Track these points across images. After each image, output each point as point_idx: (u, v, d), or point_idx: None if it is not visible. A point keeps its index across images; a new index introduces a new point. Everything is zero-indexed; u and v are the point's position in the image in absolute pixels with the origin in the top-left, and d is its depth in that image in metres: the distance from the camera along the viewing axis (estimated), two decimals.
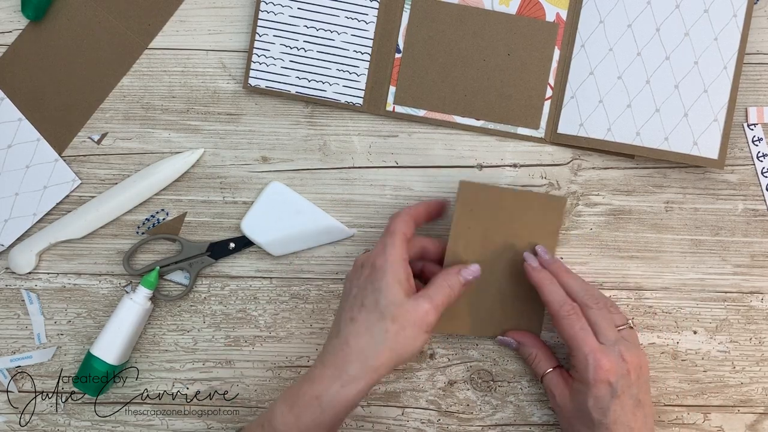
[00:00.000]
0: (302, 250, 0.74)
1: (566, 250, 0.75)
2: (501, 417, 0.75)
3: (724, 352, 0.75)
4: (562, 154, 0.75)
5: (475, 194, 0.69)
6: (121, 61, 0.74)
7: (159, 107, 0.74)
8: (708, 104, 0.72)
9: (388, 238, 0.65)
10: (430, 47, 0.73)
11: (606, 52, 0.73)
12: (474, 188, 0.69)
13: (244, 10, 0.74)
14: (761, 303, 0.75)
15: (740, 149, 0.75)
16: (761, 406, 0.75)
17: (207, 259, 0.74)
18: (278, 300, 0.75)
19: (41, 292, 0.75)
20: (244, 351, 0.75)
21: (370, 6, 0.73)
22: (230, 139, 0.74)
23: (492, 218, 0.69)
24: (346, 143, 0.74)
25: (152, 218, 0.74)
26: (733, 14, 0.72)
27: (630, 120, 0.72)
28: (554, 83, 0.73)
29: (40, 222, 0.74)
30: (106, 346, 0.71)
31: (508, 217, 0.70)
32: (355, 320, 0.62)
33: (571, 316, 0.65)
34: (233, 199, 0.74)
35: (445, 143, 0.74)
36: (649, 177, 0.75)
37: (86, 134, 0.74)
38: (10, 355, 0.75)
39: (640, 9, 0.72)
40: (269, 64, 0.73)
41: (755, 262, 0.75)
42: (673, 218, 0.75)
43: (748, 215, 0.75)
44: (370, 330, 0.62)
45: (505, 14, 0.73)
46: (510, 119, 0.74)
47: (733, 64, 0.72)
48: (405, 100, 0.73)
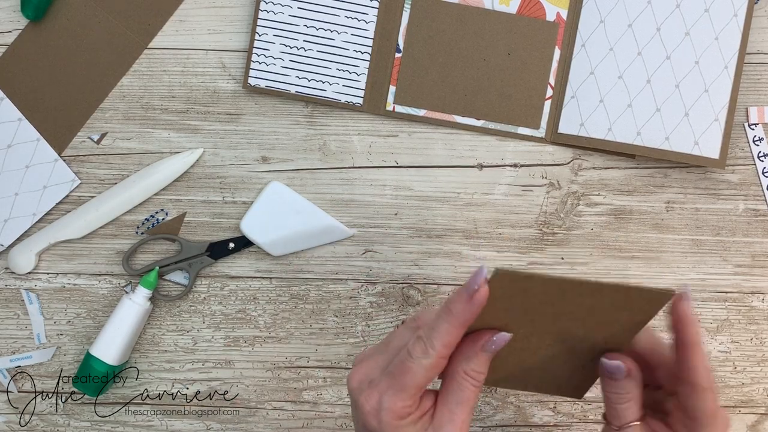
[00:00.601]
0: (302, 250, 0.74)
1: (567, 250, 0.74)
2: (501, 418, 0.75)
3: (725, 353, 0.75)
4: (563, 153, 0.75)
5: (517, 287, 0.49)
6: (120, 61, 0.74)
7: (159, 107, 0.74)
8: (709, 104, 0.72)
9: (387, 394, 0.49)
10: (430, 47, 0.73)
11: (606, 52, 0.72)
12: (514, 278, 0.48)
13: (244, 9, 0.74)
14: (762, 303, 0.75)
15: (741, 149, 0.74)
16: (762, 406, 0.75)
17: (206, 259, 0.74)
18: (278, 300, 0.75)
19: (41, 292, 0.75)
20: (244, 351, 0.75)
21: (370, 6, 0.72)
22: (230, 139, 0.74)
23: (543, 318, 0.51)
24: (346, 143, 0.74)
25: (152, 218, 0.74)
26: (733, 14, 0.71)
27: (631, 120, 0.72)
28: (555, 83, 0.73)
29: (40, 222, 0.74)
30: (106, 347, 0.71)
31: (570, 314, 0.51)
32: None
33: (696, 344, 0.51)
34: (233, 199, 0.74)
35: (445, 143, 0.74)
36: (649, 177, 0.75)
37: (86, 134, 0.74)
38: (10, 355, 0.75)
39: (640, 8, 0.72)
40: (269, 64, 0.73)
41: (756, 262, 0.75)
42: (674, 218, 0.75)
43: (749, 215, 0.75)
44: None
45: (505, 14, 0.72)
46: (510, 119, 0.73)
47: (733, 63, 0.72)
48: (405, 100, 0.73)
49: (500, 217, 0.74)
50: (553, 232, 0.75)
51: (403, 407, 0.49)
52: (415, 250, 0.75)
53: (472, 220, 0.74)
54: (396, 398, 0.49)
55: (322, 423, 0.75)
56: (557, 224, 0.74)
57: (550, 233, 0.75)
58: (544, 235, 0.75)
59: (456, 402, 0.50)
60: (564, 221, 0.74)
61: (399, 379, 0.49)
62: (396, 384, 0.49)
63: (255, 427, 0.75)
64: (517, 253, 0.75)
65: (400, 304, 0.74)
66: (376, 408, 0.49)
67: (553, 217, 0.74)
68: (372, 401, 0.50)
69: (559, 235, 0.75)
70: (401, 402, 0.49)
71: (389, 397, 0.49)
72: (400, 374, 0.49)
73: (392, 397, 0.49)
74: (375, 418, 0.50)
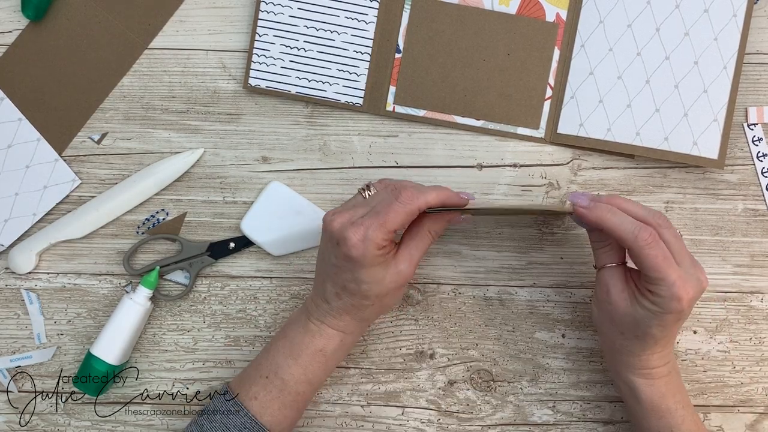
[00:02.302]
0: (302, 250, 0.74)
1: (567, 250, 0.75)
2: (501, 417, 0.75)
3: (724, 352, 0.75)
4: (562, 154, 0.75)
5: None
6: (121, 61, 0.74)
7: (159, 107, 0.74)
8: (708, 104, 0.72)
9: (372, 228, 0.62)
10: (430, 47, 0.73)
11: (606, 52, 0.73)
12: None
13: (244, 10, 0.74)
14: (761, 303, 0.75)
15: (740, 149, 0.75)
16: (761, 405, 0.75)
17: (207, 259, 0.74)
18: (278, 300, 0.75)
19: (41, 292, 0.75)
20: (244, 351, 0.75)
21: (370, 6, 0.73)
22: (230, 139, 0.74)
23: None
24: (346, 143, 0.74)
25: (152, 218, 0.74)
26: (732, 14, 0.72)
27: (630, 120, 0.72)
28: (554, 83, 0.73)
29: (40, 222, 0.74)
30: (106, 346, 0.71)
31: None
32: (342, 298, 0.65)
33: (651, 243, 0.61)
34: (233, 199, 0.74)
35: (445, 143, 0.74)
36: (649, 177, 0.75)
37: (86, 134, 0.74)
38: (10, 355, 0.75)
39: (639, 9, 0.72)
40: (269, 64, 0.73)
41: (755, 262, 0.75)
42: (673, 218, 0.75)
43: (748, 215, 0.75)
44: (358, 306, 0.65)
45: (505, 14, 0.73)
46: (510, 119, 0.74)
47: (732, 64, 0.72)
48: (405, 100, 0.73)
49: (500, 217, 0.75)
50: (552, 232, 0.75)
51: (383, 239, 0.62)
52: None
53: (471, 220, 0.74)
54: (379, 231, 0.61)
55: (322, 422, 0.75)
56: (556, 224, 0.75)
57: (550, 233, 0.75)
58: (543, 235, 0.75)
59: (415, 247, 0.65)
60: (563, 221, 0.75)
61: (383, 216, 0.62)
62: (380, 220, 0.62)
63: None
64: (516, 252, 0.75)
65: (400, 304, 0.75)
66: (362, 239, 0.61)
67: (553, 217, 0.74)
68: (359, 233, 0.62)
69: (558, 234, 0.75)
70: (382, 235, 0.62)
71: (374, 231, 0.61)
72: (385, 213, 0.62)
73: (376, 231, 0.61)
74: (360, 246, 0.61)
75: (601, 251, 0.66)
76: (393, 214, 0.62)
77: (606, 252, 0.65)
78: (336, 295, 0.65)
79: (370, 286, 0.64)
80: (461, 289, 0.75)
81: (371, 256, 0.62)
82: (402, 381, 0.75)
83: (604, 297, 0.65)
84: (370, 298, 0.64)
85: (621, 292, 0.64)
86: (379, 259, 0.63)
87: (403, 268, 0.64)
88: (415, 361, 0.75)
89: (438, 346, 0.75)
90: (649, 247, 0.61)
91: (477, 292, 0.75)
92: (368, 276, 0.63)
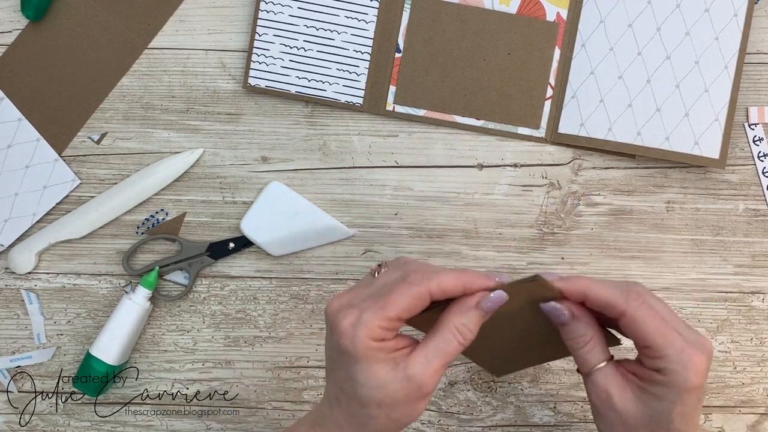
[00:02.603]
0: (302, 250, 0.74)
1: (567, 250, 0.74)
2: (501, 418, 0.75)
3: (725, 353, 0.75)
4: (563, 153, 0.75)
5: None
6: (120, 61, 0.74)
7: (159, 107, 0.74)
8: (709, 104, 0.72)
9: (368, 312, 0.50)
10: (430, 47, 0.73)
11: (606, 52, 0.72)
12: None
13: (244, 9, 0.74)
14: (762, 303, 0.75)
15: (741, 149, 0.74)
16: (762, 406, 0.75)
17: (206, 259, 0.74)
18: (278, 300, 0.75)
19: (41, 292, 0.75)
20: (244, 351, 0.75)
21: (370, 6, 0.72)
22: (230, 139, 0.74)
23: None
24: (346, 143, 0.74)
25: (152, 218, 0.74)
26: (733, 14, 0.71)
27: (631, 120, 0.72)
28: (555, 83, 0.73)
29: (40, 222, 0.74)
30: (106, 347, 0.71)
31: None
32: (341, 403, 0.53)
33: (644, 304, 0.51)
34: (233, 199, 0.74)
35: (445, 143, 0.74)
36: (650, 177, 0.75)
37: (86, 134, 0.74)
38: (10, 355, 0.75)
39: (640, 8, 0.72)
40: (269, 64, 0.73)
41: (756, 262, 0.75)
42: (674, 218, 0.75)
43: (749, 215, 0.75)
44: (357, 417, 0.52)
45: (505, 14, 0.72)
46: (510, 119, 0.73)
47: (733, 63, 0.72)
48: (405, 100, 0.73)
49: (500, 217, 0.74)
50: (553, 232, 0.75)
51: (380, 327, 0.49)
52: (415, 250, 0.75)
53: (472, 220, 0.74)
54: (375, 316, 0.49)
55: None
56: (557, 224, 0.74)
57: (550, 233, 0.75)
58: (544, 235, 0.74)
59: (436, 350, 0.51)
60: (564, 221, 0.74)
61: (383, 298, 0.50)
62: (379, 302, 0.50)
63: (255, 427, 0.75)
64: (517, 253, 0.74)
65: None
66: (353, 324, 0.49)
67: (553, 217, 0.74)
68: (350, 318, 0.50)
69: (559, 235, 0.75)
70: (378, 321, 0.49)
71: (369, 314, 0.49)
72: (386, 294, 0.50)
73: (372, 315, 0.49)
74: (350, 335, 0.49)
75: (584, 350, 0.53)
76: (395, 295, 0.50)
77: (591, 349, 0.53)
78: (336, 399, 0.53)
79: (368, 391, 0.50)
80: None
81: (364, 347, 0.49)
82: None
83: (606, 406, 0.53)
84: (370, 407, 0.51)
85: (624, 392, 0.52)
86: (379, 354, 0.50)
87: (415, 373, 0.50)
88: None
89: None
90: (643, 308, 0.51)
91: None
92: (364, 376, 0.50)
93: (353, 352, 0.50)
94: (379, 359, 0.50)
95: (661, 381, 0.51)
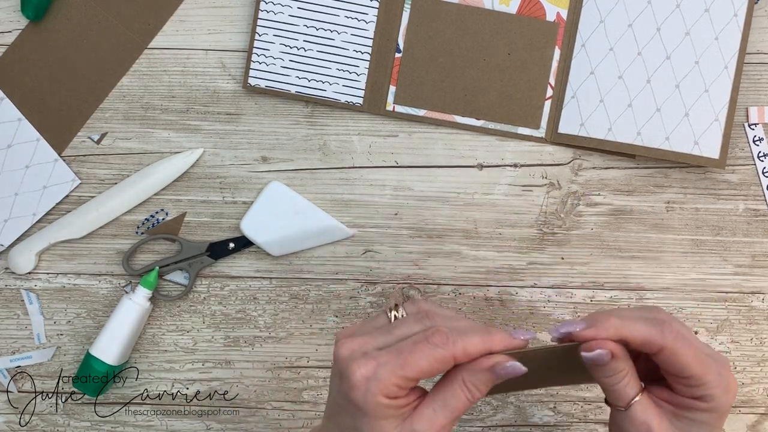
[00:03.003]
0: (302, 250, 0.74)
1: (567, 250, 0.74)
2: (501, 418, 0.75)
3: (725, 353, 0.75)
4: (563, 153, 0.75)
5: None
6: (120, 61, 0.74)
7: (159, 107, 0.74)
8: (709, 104, 0.72)
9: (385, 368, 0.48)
10: (430, 47, 0.73)
11: (606, 52, 0.72)
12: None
13: (244, 9, 0.74)
14: (762, 303, 0.75)
15: (741, 149, 0.74)
16: (762, 406, 0.75)
17: (206, 259, 0.74)
18: (278, 300, 0.75)
19: (41, 292, 0.75)
20: (244, 351, 0.75)
21: (370, 6, 0.72)
22: (230, 139, 0.74)
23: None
24: (346, 143, 0.74)
25: (152, 218, 0.74)
26: (733, 14, 0.71)
27: (631, 120, 0.72)
28: (555, 83, 0.73)
29: (40, 222, 0.74)
30: (106, 347, 0.71)
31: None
32: None
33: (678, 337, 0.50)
34: (233, 199, 0.74)
35: (445, 143, 0.74)
36: (649, 177, 0.75)
37: (86, 134, 0.74)
38: (10, 355, 0.75)
39: (640, 8, 0.72)
40: (269, 64, 0.73)
41: (756, 262, 0.75)
42: (674, 218, 0.75)
43: (749, 215, 0.75)
44: None
45: (505, 14, 0.72)
46: (510, 119, 0.73)
47: (733, 63, 0.72)
48: (405, 100, 0.73)
49: (500, 217, 0.74)
50: (553, 232, 0.75)
51: (396, 386, 0.48)
52: (415, 250, 0.75)
53: (472, 220, 0.74)
54: (393, 374, 0.47)
55: None
56: (557, 224, 0.74)
57: (550, 233, 0.75)
58: (544, 235, 0.74)
59: (443, 404, 0.49)
60: (564, 221, 0.74)
61: (405, 356, 0.48)
62: (399, 360, 0.48)
63: (255, 427, 0.75)
64: (517, 253, 0.74)
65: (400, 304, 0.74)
66: (367, 377, 0.48)
67: (553, 217, 0.74)
68: (365, 370, 0.48)
69: (559, 235, 0.74)
70: (396, 379, 0.48)
71: (387, 370, 0.47)
72: (409, 353, 0.48)
73: (390, 372, 0.47)
74: (363, 389, 0.48)
75: (620, 386, 0.51)
76: (418, 356, 0.48)
77: (628, 383, 0.52)
78: None
79: None
80: (461, 289, 0.75)
81: (375, 405, 0.48)
82: None
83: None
84: None
85: (662, 422, 0.51)
86: (389, 412, 0.49)
87: (421, 429, 0.49)
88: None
89: None
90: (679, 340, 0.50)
91: (477, 292, 0.75)
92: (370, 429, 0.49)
93: (363, 407, 0.48)
94: (388, 416, 0.49)
95: (703, 408, 0.51)
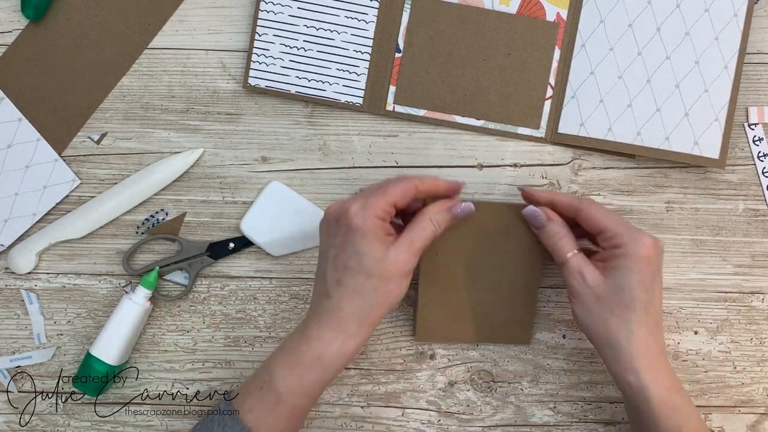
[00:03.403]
0: (302, 250, 0.74)
1: None
2: (501, 418, 0.75)
3: (725, 353, 0.75)
4: (563, 153, 0.75)
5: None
6: (120, 61, 0.74)
7: (159, 107, 0.74)
8: (709, 104, 0.72)
9: (372, 197, 0.63)
10: (430, 47, 0.73)
11: (606, 52, 0.72)
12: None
13: (244, 9, 0.74)
14: (762, 303, 0.75)
15: (741, 149, 0.74)
16: (762, 406, 0.75)
17: (206, 259, 0.74)
18: (278, 300, 0.75)
19: (41, 292, 0.75)
20: (244, 351, 0.75)
21: (370, 6, 0.72)
22: (230, 139, 0.74)
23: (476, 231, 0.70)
24: (346, 143, 0.74)
25: (152, 218, 0.74)
26: (733, 14, 0.71)
27: (631, 120, 0.72)
28: (555, 83, 0.73)
29: (40, 222, 0.74)
30: (106, 347, 0.71)
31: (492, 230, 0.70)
32: (343, 283, 0.63)
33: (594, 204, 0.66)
34: (233, 199, 0.74)
35: (445, 143, 0.74)
36: (649, 177, 0.75)
37: (86, 134, 0.74)
38: (10, 355, 0.75)
39: (640, 8, 0.72)
40: (269, 64, 0.73)
41: (756, 262, 0.75)
42: (674, 218, 0.75)
43: (748, 215, 0.75)
44: (360, 291, 0.62)
45: (505, 14, 0.72)
46: (510, 119, 0.73)
47: (733, 63, 0.72)
48: (405, 100, 0.73)
49: None
50: None
51: (383, 208, 0.62)
52: None
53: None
54: (378, 200, 0.62)
55: (322, 423, 0.74)
56: None
57: None
58: None
59: (416, 235, 0.64)
60: None
61: (383, 189, 0.63)
62: (379, 191, 0.63)
63: None
64: None
65: (399, 304, 0.74)
66: (362, 206, 0.62)
67: None
68: (358, 204, 0.62)
69: None
70: (381, 204, 0.62)
71: (373, 199, 0.62)
72: (384, 188, 0.63)
73: (376, 199, 0.62)
74: (361, 214, 0.62)
75: (560, 243, 0.67)
76: (392, 188, 0.63)
77: (564, 241, 0.66)
78: (337, 283, 0.63)
79: (372, 263, 0.62)
80: None
81: (371, 225, 0.62)
82: (402, 382, 0.75)
83: (581, 283, 0.65)
84: (372, 277, 0.62)
85: (593, 270, 0.65)
86: (380, 232, 0.62)
87: (401, 251, 0.63)
88: (415, 362, 0.75)
89: (438, 347, 0.75)
90: (594, 205, 0.66)
91: None
92: (370, 248, 0.62)
93: (363, 227, 0.61)
94: (379, 237, 0.62)
95: (618, 254, 0.64)
